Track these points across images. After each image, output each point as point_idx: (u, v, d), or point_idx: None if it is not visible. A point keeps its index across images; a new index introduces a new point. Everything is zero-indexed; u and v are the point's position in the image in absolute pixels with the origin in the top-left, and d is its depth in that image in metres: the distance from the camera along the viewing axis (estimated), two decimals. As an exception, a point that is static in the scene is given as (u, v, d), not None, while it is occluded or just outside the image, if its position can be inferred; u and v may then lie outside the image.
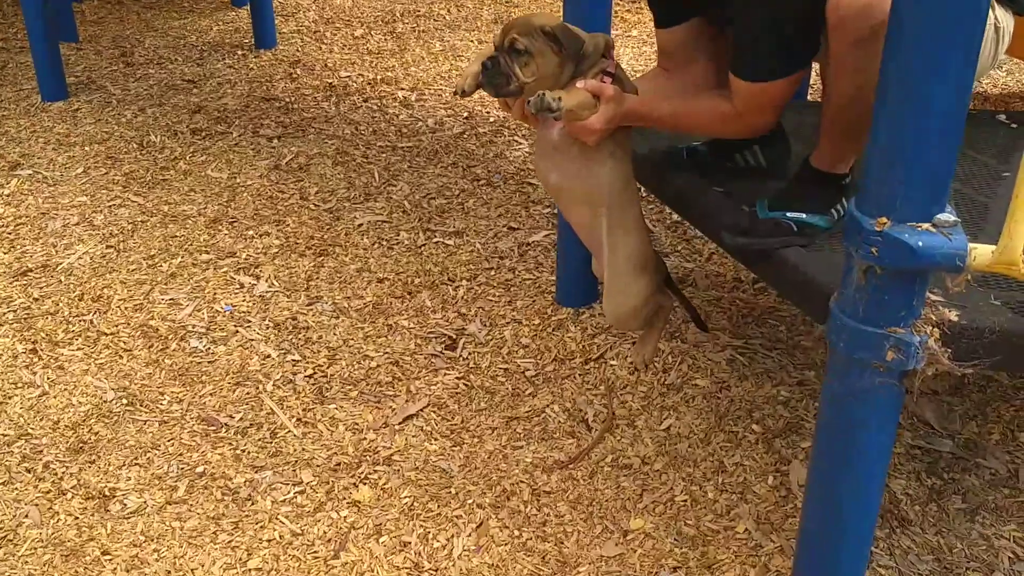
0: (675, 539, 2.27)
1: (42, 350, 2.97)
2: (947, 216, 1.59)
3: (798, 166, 2.14)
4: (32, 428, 2.66)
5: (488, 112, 4.75)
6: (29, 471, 2.50)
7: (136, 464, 2.53)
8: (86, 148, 4.33)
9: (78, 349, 2.98)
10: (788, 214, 2.02)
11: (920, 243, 1.56)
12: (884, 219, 1.59)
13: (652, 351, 2.30)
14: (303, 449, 2.59)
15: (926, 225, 1.58)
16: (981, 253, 1.56)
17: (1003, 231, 1.52)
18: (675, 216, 3.69)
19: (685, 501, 2.38)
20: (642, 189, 2.76)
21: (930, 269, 1.59)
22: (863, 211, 1.63)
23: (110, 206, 3.81)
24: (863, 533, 1.94)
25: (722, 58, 2.10)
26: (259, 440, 2.62)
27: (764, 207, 2.05)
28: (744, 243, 2.08)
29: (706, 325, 2.44)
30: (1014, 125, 2.74)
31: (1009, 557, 2.16)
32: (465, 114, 4.72)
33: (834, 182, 2.04)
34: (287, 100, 4.91)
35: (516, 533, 2.32)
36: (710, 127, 2.10)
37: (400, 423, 2.68)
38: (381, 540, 2.29)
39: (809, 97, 3.81)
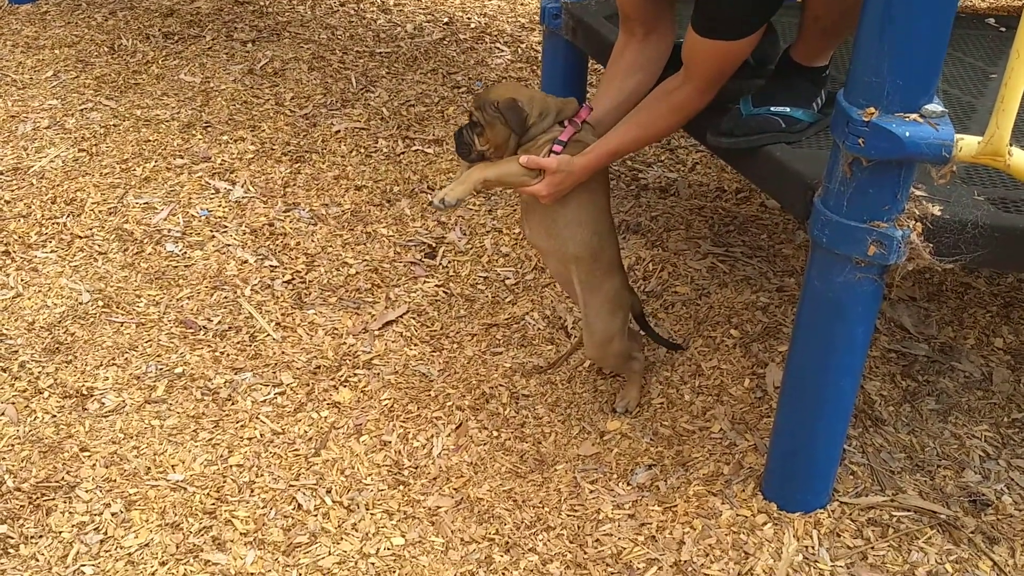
0: (651, 439, 2.30)
1: (15, 252, 2.92)
2: (935, 107, 1.57)
3: (777, 61, 2.10)
4: (6, 329, 2.62)
5: (469, 18, 4.64)
6: (4, 370, 2.48)
7: (113, 364, 2.51)
8: (56, 51, 4.20)
9: (52, 251, 2.93)
10: (772, 108, 1.99)
11: (907, 133, 1.55)
12: (872, 109, 1.57)
13: (636, 398, 2.42)
14: (282, 352, 2.58)
15: (913, 116, 1.57)
16: (967, 144, 1.55)
17: (990, 121, 1.50)
18: (658, 126, 3.64)
19: (662, 403, 2.40)
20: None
21: (916, 160, 1.58)
22: (851, 101, 1.61)
23: (81, 110, 3.71)
24: (837, 430, 1.97)
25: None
26: (238, 343, 2.61)
27: (748, 104, 2.02)
28: (730, 143, 2.06)
29: (680, 345, 2.56)
30: (1003, 28, 2.70)
31: (980, 455, 2.20)
32: (445, 20, 4.61)
33: (814, 75, 2.02)
34: (261, 3, 4.76)
35: (495, 434, 2.33)
36: (669, 126, 2.11)
37: (380, 329, 2.67)
38: (361, 439, 2.30)
39: None
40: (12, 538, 2.03)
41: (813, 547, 1.99)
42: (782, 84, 2.02)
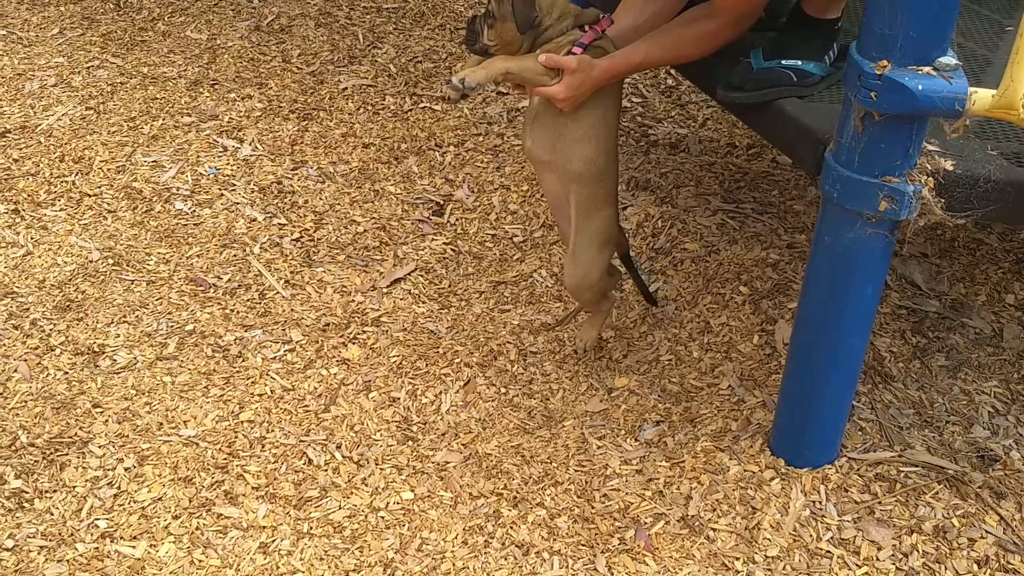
0: (659, 395, 2.30)
1: (24, 211, 2.93)
2: (948, 59, 1.54)
3: (789, 13, 2.08)
4: (17, 287, 2.64)
5: (477, -26, 4.57)
6: (16, 328, 2.50)
7: (125, 322, 2.53)
8: (61, 8, 4.17)
9: (61, 210, 2.94)
10: (783, 62, 1.96)
11: (920, 86, 1.53)
12: (885, 62, 1.55)
13: (594, 338, 2.38)
14: (292, 310, 2.59)
15: (927, 68, 1.55)
16: (981, 97, 1.53)
17: (1004, 74, 1.48)
18: (670, 81, 3.61)
19: (670, 360, 2.40)
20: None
21: (929, 114, 1.56)
22: (863, 54, 1.58)
23: (88, 67, 3.69)
24: (846, 386, 1.98)
25: None
26: (248, 300, 2.61)
27: (759, 56, 2.00)
28: (740, 97, 2.03)
29: (656, 300, 2.55)
30: (1021, -20, 2.64)
31: (989, 411, 2.20)
32: (453, -24, 4.55)
33: (826, 27, 1.99)
34: (268, -40, 4.70)
35: (503, 390, 2.34)
36: (695, 52, 2.03)
37: (388, 286, 2.68)
38: (371, 396, 2.32)
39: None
40: (27, 492, 2.06)
41: (820, 502, 2.00)
42: (793, 37, 1.99)
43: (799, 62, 1.96)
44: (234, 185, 3.06)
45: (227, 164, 3.15)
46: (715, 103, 2.69)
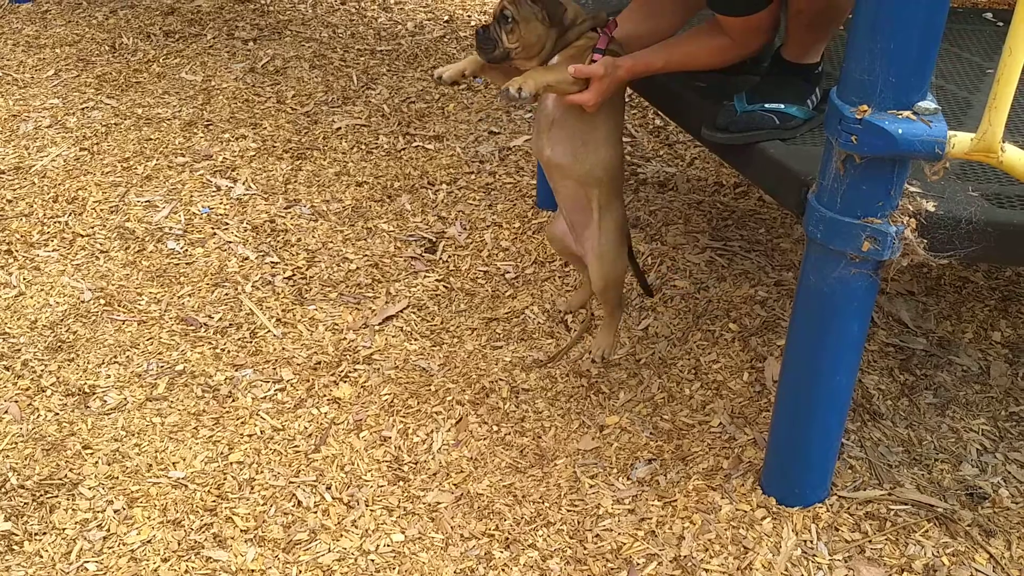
0: (651, 433, 2.31)
1: (17, 251, 2.94)
2: (927, 104, 1.57)
3: (770, 59, 2.12)
4: (9, 327, 2.64)
5: (469, 16, 4.64)
6: (7, 369, 2.50)
7: (115, 362, 2.53)
8: (57, 50, 4.22)
9: (54, 250, 2.95)
10: (766, 105, 2.00)
11: (900, 130, 1.55)
12: (864, 107, 1.58)
13: (611, 344, 2.46)
14: (283, 348, 2.59)
15: (906, 113, 1.57)
16: (960, 141, 1.55)
17: (983, 117, 1.51)
18: (658, 121, 3.65)
19: (662, 398, 2.41)
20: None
21: (909, 157, 1.58)
22: (843, 99, 1.61)
23: (83, 108, 3.73)
24: (834, 424, 1.98)
25: None
26: (239, 340, 2.62)
27: (743, 100, 2.03)
28: (724, 138, 2.06)
29: (652, 291, 2.68)
30: (1000, 23, 2.69)
31: (977, 449, 2.21)
32: (446, 18, 4.62)
33: (807, 72, 2.03)
34: (263, 2, 4.77)
35: (495, 428, 2.34)
36: (710, 62, 2.11)
37: (380, 324, 2.69)
38: (361, 435, 2.32)
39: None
40: (16, 535, 2.05)
41: (811, 541, 2.00)
42: (775, 81, 2.03)
43: (782, 106, 1.99)
44: (227, 224, 3.07)
45: (220, 203, 3.17)
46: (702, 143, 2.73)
